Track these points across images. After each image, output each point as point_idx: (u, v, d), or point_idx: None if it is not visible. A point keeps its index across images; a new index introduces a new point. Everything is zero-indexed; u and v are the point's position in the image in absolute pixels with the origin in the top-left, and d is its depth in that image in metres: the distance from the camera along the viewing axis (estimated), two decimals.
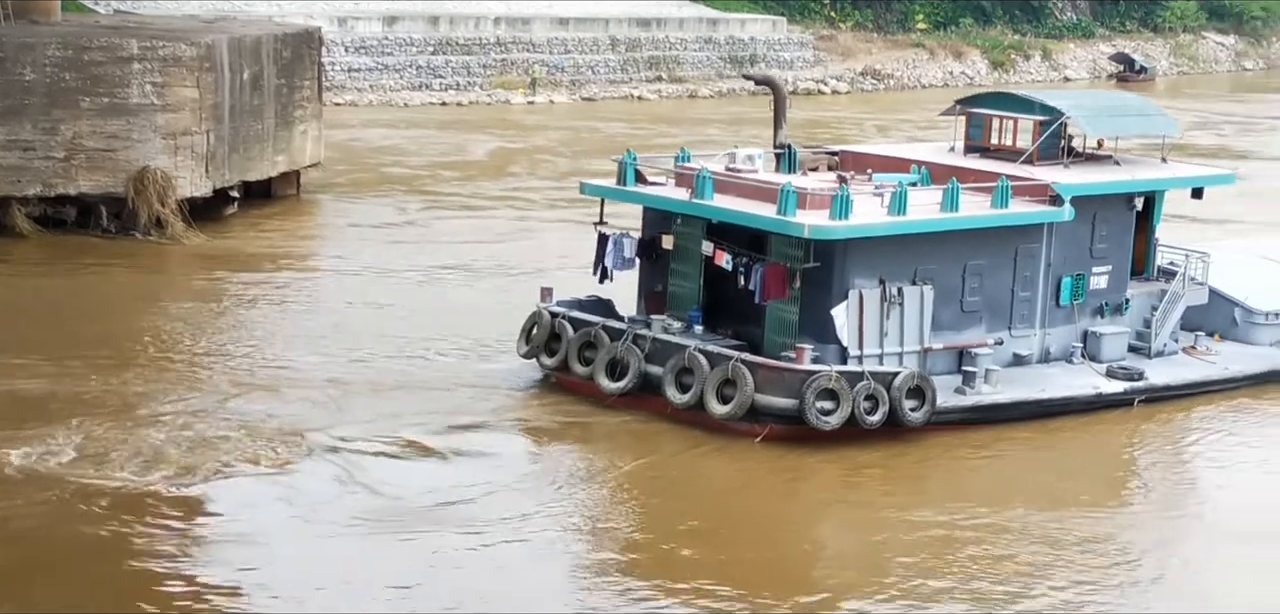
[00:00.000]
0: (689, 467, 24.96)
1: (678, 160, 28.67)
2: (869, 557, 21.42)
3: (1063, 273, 28.24)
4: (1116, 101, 33.20)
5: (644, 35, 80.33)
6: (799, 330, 26.21)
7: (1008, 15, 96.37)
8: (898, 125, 67.97)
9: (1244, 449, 26.93)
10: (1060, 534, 22.13)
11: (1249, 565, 21.54)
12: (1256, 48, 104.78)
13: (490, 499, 22.66)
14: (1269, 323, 30.32)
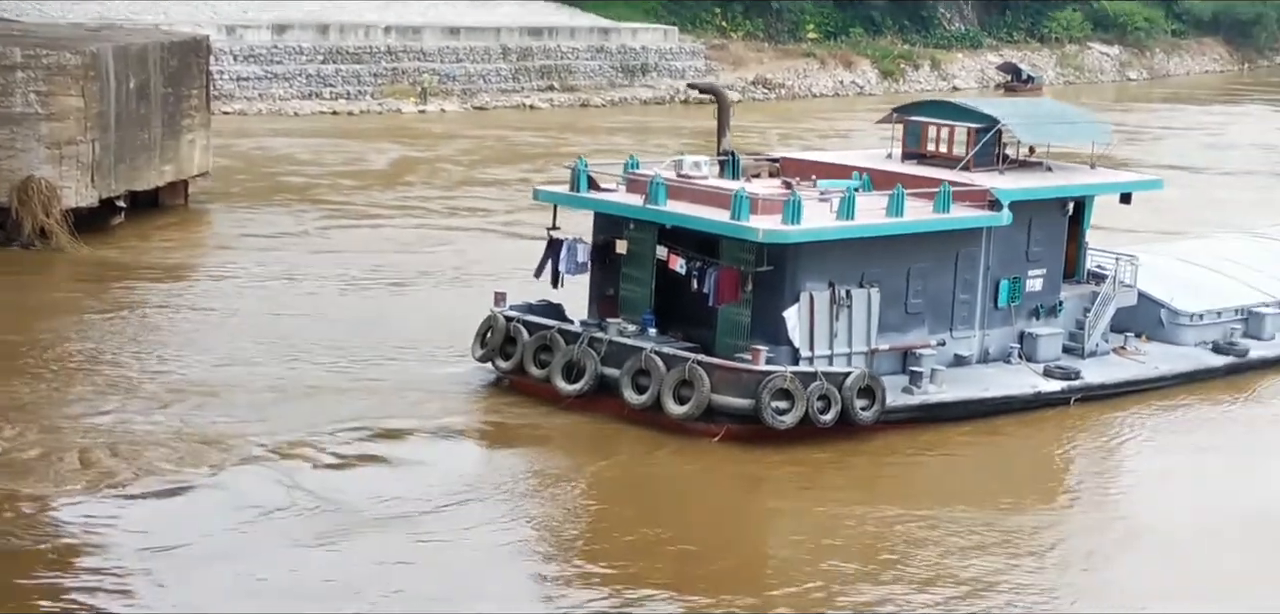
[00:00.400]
0: (648, 466, 26.23)
1: (627, 168, 29.95)
2: (824, 557, 22.48)
3: (1000, 276, 30.01)
4: (1049, 110, 35.19)
5: (536, 44, 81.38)
6: (751, 333, 27.62)
7: (897, 25, 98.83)
8: (800, 135, 69.90)
9: (1174, 448, 28.78)
10: (1006, 532, 23.51)
11: (1178, 564, 23.06)
12: (1140, 58, 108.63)
13: (444, 503, 23.50)
14: (1194, 324, 32.38)
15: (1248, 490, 26.22)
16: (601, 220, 29.45)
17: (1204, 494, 26.13)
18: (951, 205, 28.86)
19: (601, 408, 27.57)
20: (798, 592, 21.21)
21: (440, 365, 30.28)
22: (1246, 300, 33.45)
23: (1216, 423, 30.10)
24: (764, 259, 27.07)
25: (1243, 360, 32.08)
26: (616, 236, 28.95)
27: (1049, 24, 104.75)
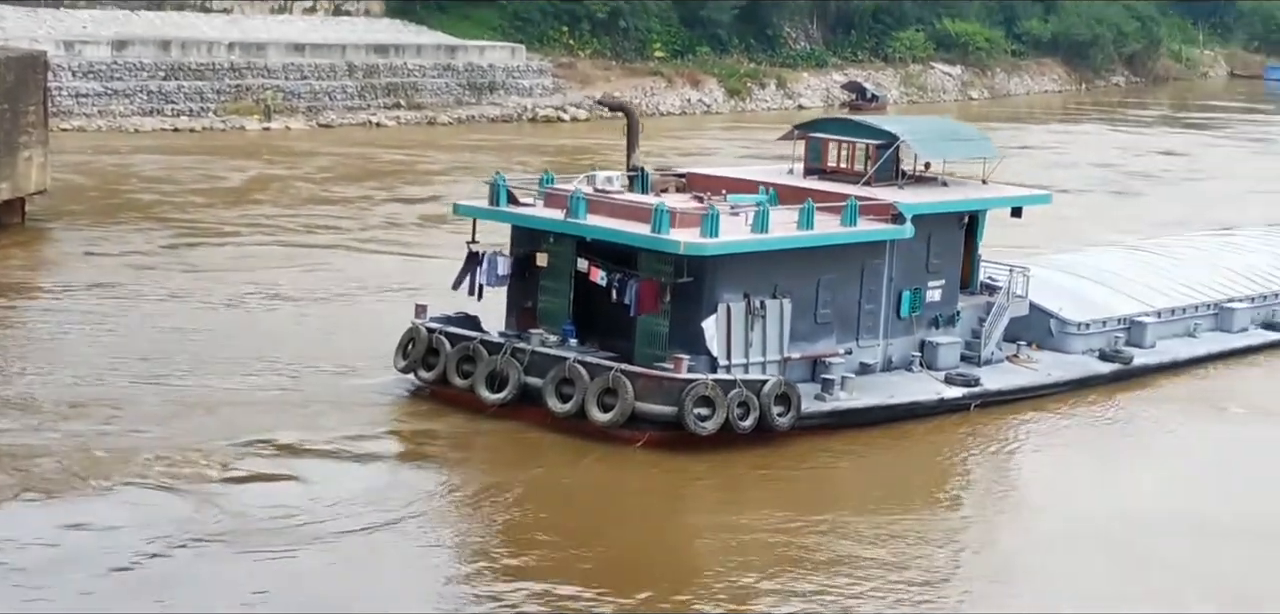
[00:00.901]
0: (573, 474, 27.87)
1: (542, 183, 31.62)
2: (743, 563, 23.91)
3: (903, 287, 32.27)
4: (944, 127, 37.58)
5: (382, 62, 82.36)
6: (669, 342, 29.45)
7: (744, 44, 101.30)
8: (662, 152, 71.84)
9: (1067, 452, 31.15)
10: (918, 532, 25.51)
11: (1075, 566, 24.96)
12: (982, 78, 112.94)
13: (363, 513, 24.69)
14: (1081, 333, 35.02)
15: (1132, 493, 28.40)
16: (521, 234, 31.06)
17: (1093, 497, 28.22)
18: (858, 219, 31.01)
19: (525, 417, 29.13)
20: (716, 598, 22.74)
21: (360, 377, 31.56)
22: (1128, 310, 36.25)
23: (1105, 427, 32.58)
24: (684, 271, 28.91)
25: (1128, 367, 34.79)
26: (536, 249, 30.56)
27: (893, 44, 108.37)
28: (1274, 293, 40.15)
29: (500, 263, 30.76)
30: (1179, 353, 36.39)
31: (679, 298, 29.26)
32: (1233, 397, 35.02)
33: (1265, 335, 38.76)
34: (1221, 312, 38.38)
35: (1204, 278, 39.47)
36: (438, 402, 30.16)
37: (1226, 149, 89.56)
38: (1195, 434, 32.46)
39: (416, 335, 30.47)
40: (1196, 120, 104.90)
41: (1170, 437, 32.43)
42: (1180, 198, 67.42)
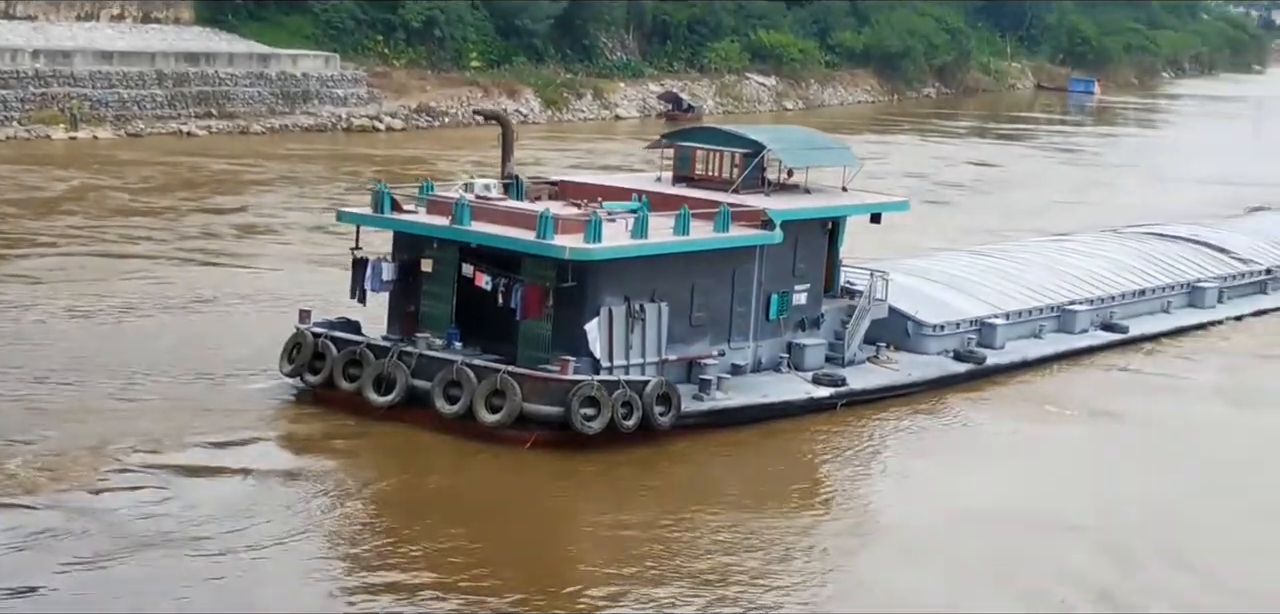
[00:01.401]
0: (463, 474, 29.47)
1: (423, 192, 33.17)
2: (624, 558, 25.62)
3: (771, 290, 34.48)
4: (807, 137, 39.94)
5: (192, 70, 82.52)
6: (552, 345, 31.22)
7: (560, 54, 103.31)
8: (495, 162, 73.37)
9: (927, 449, 33.38)
10: (786, 529, 27.30)
11: (926, 564, 26.66)
12: (796, 89, 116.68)
13: (250, 518, 25.82)
14: (936, 335, 37.63)
15: (977, 491, 30.40)
16: (404, 240, 32.57)
17: (942, 495, 30.27)
18: (730, 225, 33.13)
19: (412, 419, 30.65)
20: (594, 599, 24.16)
21: (244, 383, 32.76)
22: (979, 313, 39.00)
23: (956, 428, 34.88)
24: (568, 276, 30.71)
25: (981, 367, 37.50)
26: (420, 255, 32.10)
27: (708, 55, 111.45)
28: (1111, 296, 43.44)
29: (385, 268, 32.23)
30: (1027, 353, 39.26)
31: (562, 302, 31.04)
32: (1066, 398, 37.57)
33: (1104, 336, 41.93)
34: (1063, 314, 41.42)
35: (1046, 282, 42.54)
36: (324, 405, 31.48)
37: (1036, 159, 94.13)
38: (1033, 434, 34.67)
39: (302, 340, 31.81)
40: (1006, 131, 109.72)
41: (1012, 437, 34.55)
42: (994, 207, 70.96)
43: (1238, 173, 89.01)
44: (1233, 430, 35.67)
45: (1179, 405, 37.39)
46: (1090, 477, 31.66)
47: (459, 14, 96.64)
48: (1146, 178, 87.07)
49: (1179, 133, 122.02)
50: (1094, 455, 33.38)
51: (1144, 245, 48.95)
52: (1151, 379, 39.77)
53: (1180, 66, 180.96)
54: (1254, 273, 49.86)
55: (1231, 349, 43.73)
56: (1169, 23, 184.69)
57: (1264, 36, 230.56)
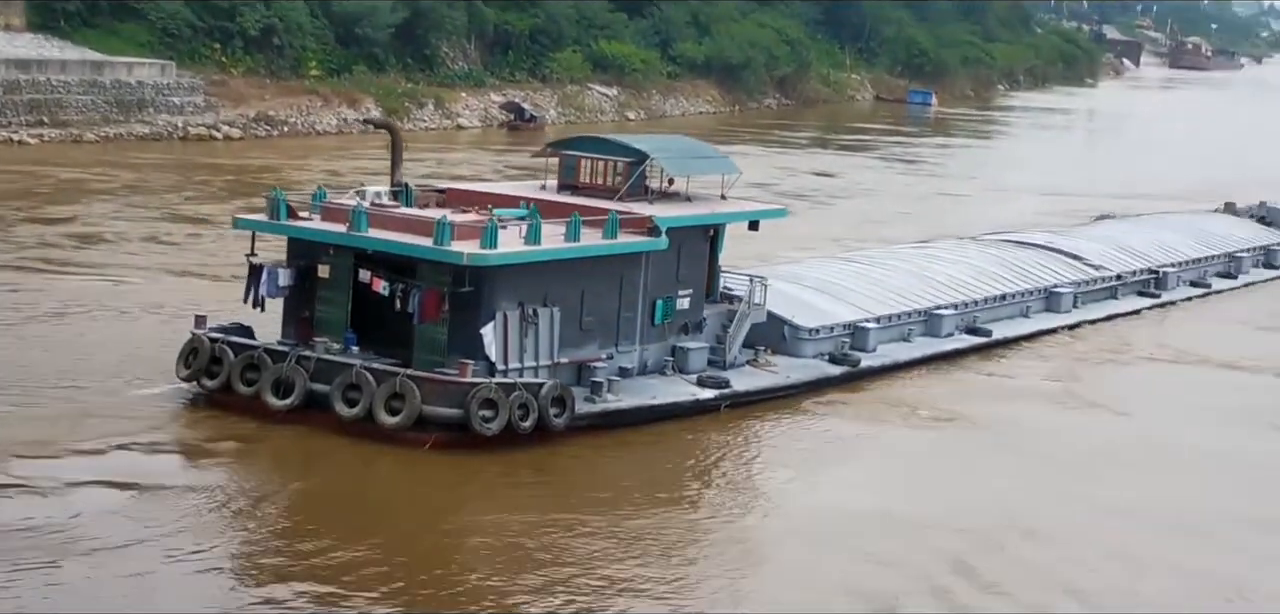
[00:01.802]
0: (363, 475, 30.78)
1: (316, 199, 34.42)
2: (517, 557, 26.94)
3: (657, 295, 36.25)
4: (688, 146, 41.75)
5: (23, 77, 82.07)
6: (448, 349, 32.65)
7: (401, 63, 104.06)
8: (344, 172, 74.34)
9: (799, 452, 35.14)
10: (674, 527, 28.95)
11: (800, 560, 28.33)
12: (638, 99, 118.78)
13: (147, 521, 26.80)
14: (812, 338, 39.71)
15: (854, 489, 32.32)
16: (299, 246, 33.76)
17: (814, 494, 32.10)
18: (618, 232, 34.85)
19: (310, 422, 31.89)
20: (485, 597, 25.46)
21: (139, 388, 33.72)
22: (851, 317, 41.18)
23: (833, 427, 36.87)
24: (465, 281, 32.19)
25: (856, 370, 39.63)
26: (316, 261, 33.34)
27: (550, 65, 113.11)
28: (974, 300, 45.98)
29: (281, 275, 33.40)
30: (898, 355, 41.52)
31: (458, 306, 32.50)
32: (931, 402, 39.53)
33: (968, 339, 44.42)
34: (930, 318, 43.82)
35: (913, 287, 44.92)
36: (221, 409, 32.59)
37: (877, 170, 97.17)
38: (899, 436, 36.50)
39: (199, 345, 32.86)
40: (847, 142, 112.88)
41: (878, 440, 36.27)
42: (839, 217, 73.50)
43: (1073, 184, 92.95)
44: (1081, 432, 37.84)
45: (1032, 409, 39.52)
46: (948, 478, 33.52)
47: (298, 22, 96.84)
48: (986, 188, 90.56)
49: (1015, 144, 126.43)
50: (953, 457, 35.30)
51: (1002, 252, 51.69)
52: (1009, 383, 42.09)
53: (1015, 79, 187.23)
54: (1105, 279, 52.95)
55: (1085, 353, 46.37)
56: (1004, 36, 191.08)
57: (1095, 50, 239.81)
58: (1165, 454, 36.51)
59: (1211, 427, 38.82)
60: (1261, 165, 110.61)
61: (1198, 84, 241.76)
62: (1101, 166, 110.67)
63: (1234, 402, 41.60)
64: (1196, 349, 47.86)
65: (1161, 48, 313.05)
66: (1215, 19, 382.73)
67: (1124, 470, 34.93)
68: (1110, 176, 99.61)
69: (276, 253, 35.16)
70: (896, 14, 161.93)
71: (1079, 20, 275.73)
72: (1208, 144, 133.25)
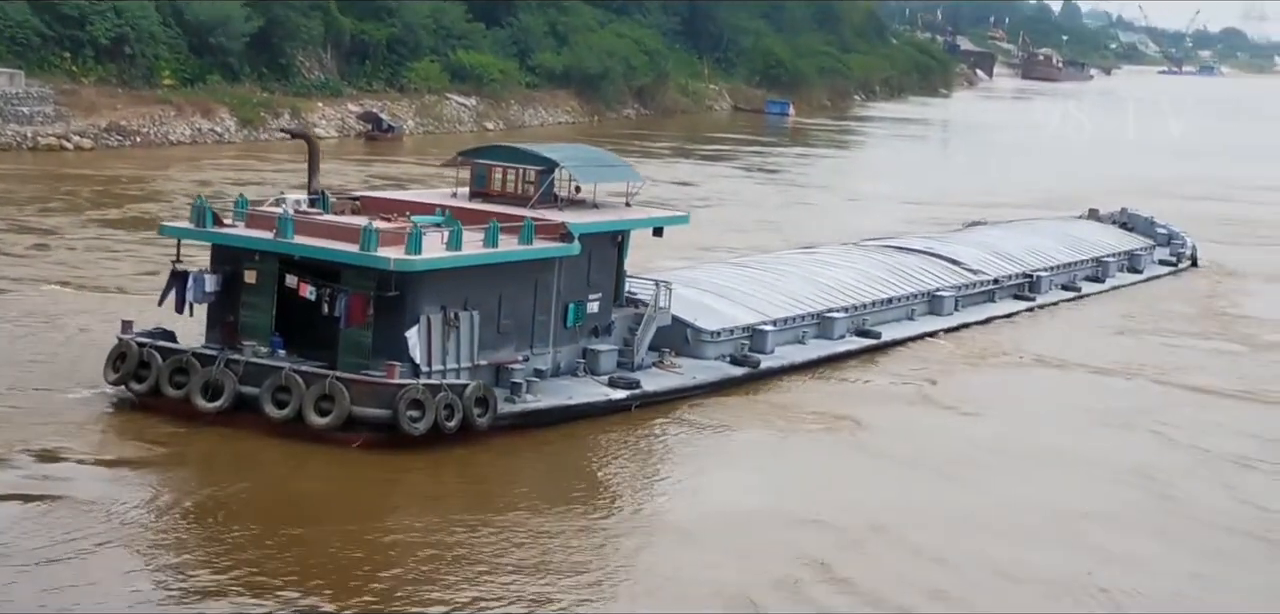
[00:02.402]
0: (294, 474, 32.81)
1: (239, 207, 36.38)
2: (446, 552, 28.99)
3: (569, 299, 38.65)
4: (594, 155, 44.20)
5: None
6: (372, 351, 34.78)
7: (256, 73, 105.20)
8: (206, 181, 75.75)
9: (704, 449, 37.70)
10: (590, 527, 31.11)
11: (699, 557, 30.25)
12: (496, 109, 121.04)
13: (74, 526, 28.23)
14: (714, 341, 42.39)
15: (749, 487, 34.63)
16: (224, 253, 35.69)
17: (717, 493, 34.38)
18: (534, 238, 37.24)
19: (239, 424, 33.86)
20: (404, 600, 27.15)
21: (63, 393, 35.41)
22: (750, 320, 43.94)
23: (734, 426, 39.35)
24: (391, 285, 34.38)
25: (756, 371, 42.37)
26: (242, 267, 35.31)
27: (408, 75, 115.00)
28: (863, 304, 49.01)
29: (207, 281, 35.30)
30: (794, 357, 44.34)
31: (383, 310, 34.66)
32: (817, 403, 42.31)
33: (859, 341, 47.45)
34: (823, 321, 46.74)
35: (806, 291, 47.85)
36: (149, 412, 34.42)
37: (737, 179, 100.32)
38: (792, 437, 38.93)
39: (127, 350, 34.66)
40: (707, 152, 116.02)
41: (772, 440, 38.55)
42: (702, 225, 75.99)
43: (932, 192, 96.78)
44: (957, 434, 40.49)
45: (913, 410, 42.41)
46: (832, 478, 35.97)
47: (150, 31, 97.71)
48: (846, 197, 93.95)
49: (873, 153, 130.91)
50: (838, 458, 37.88)
51: (886, 257, 54.91)
52: (894, 386, 44.82)
53: (871, 89, 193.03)
54: (983, 283, 56.42)
55: (965, 355, 49.52)
56: (860, 47, 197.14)
57: (949, 61, 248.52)
58: (1029, 455, 39.02)
59: (1073, 428, 41.68)
60: (1112, 173, 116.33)
61: (1049, 94, 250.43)
62: (959, 175, 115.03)
63: (1097, 402, 44.73)
64: (1066, 351, 51.13)
65: (1014, 59, 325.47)
66: (1066, 30, 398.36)
67: (986, 471, 37.51)
68: (967, 185, 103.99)
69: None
70: (754, 24, 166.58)
71: (933, 31, 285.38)
72: (1060, 153, 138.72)
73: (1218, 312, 61.84)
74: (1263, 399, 46.41)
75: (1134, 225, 74.18)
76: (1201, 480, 37.76)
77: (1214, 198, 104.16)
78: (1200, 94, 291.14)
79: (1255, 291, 67.55)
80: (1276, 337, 56.94)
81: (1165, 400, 45.54)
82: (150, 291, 40.77)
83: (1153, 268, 69.36)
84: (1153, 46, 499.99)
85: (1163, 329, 57.41)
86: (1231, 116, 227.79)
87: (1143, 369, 49.26)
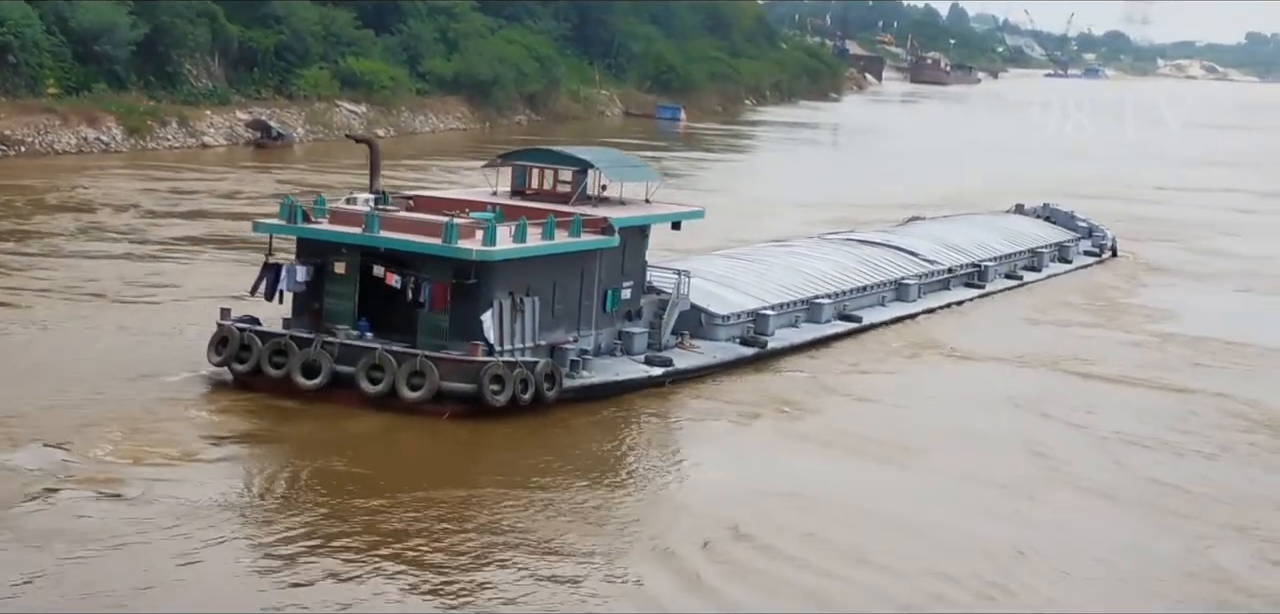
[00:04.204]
0: (390, 442, 41.02)
1: (318, 206, 44.63)
2: (528, 505, 36.38)
3: (608, 286, 47.22)
4: (618, 157, 52.80)
5: None
6: (449, 333, 43.11)
7: (143, 81, 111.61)
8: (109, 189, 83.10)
9: (741, 420, 46.22)
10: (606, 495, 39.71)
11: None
12: (387, 116, 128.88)
13: (195, 502, 34.50)
14: (725, 324, 51.29)
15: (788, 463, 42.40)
16: (310, 246, 43.72)
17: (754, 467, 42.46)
18: (582, 231, 45.93)
19: (336, 400, 41.99)
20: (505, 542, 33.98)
21: (163, 378, 43.27)
22: (752, 306, 52.93)
23: (755, 396, 48.40)
24: (470, 273, 42.80)
25: (763, 351, 51.36)
26: (330, 259, 43.50)
27: (297, 82, 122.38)
28: (843, 291, 58.30)
29: (299, 271, 43.28)
30: (792, 338, 53.22)
31: (460, 296, 43.05)
32: (820, 378, 51.05)
33: (843, 325, 56.72)
34: (812, 306, 55.90)
35: (794, 280, 56.94)
36: (251, 391, 42.22)
37: None
38: (785, 416, 46.74)
39: (228, 334, 42.68)
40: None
41: (765, 419, 46.28)
42: None
43: (827, 195, 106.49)
44: (924, 415, 47.96)
45: (892, 384, 51.51)
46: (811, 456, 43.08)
47: (34, 39, 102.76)
48: (743, 200, 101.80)
49: (765, 157, 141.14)
50: (827, 434, 45.29)
51: (855, 250, 64.58)
52: (876, 365, 53.85)
53: (762, 94, 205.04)
54: (939, 272, 66.52)
55: (932, 338, 58.65)
56: (750, 52, 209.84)
57: (839, 65, 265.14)
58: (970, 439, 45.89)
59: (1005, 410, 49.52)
60: (1006, 173, 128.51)
61: (937, 98, 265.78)
62: (854, 178, 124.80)
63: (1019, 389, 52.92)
64: (1012, 332, 61.40)
65: (903, 63, 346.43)
66: (954, 34, 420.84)
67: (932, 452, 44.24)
68: (864, 188, 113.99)
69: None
70: (645, 30, 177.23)
71: (823, 36, 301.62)
72: (952, 155, 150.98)
73: (1141, 293, 74.06)
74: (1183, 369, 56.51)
75: (1056, 219, 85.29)
76: None
77: (1114, 196, 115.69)
78: (1086, 96, 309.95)
79: (1171, 280, 79.73)
80: (1196, 312, 68.56)
81: (1115, 361, 55.69)
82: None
83: (1080, 258, 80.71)
84: (1039, 50, 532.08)
85: (1101, 309, 68.57)
86: (1117, 118, 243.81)
87: (1091, 342, 59.62)
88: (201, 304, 51.46)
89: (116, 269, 60.24)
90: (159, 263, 62.69)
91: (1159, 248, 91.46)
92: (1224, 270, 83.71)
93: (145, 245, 66.32)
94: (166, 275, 59.92)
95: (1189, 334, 62.50)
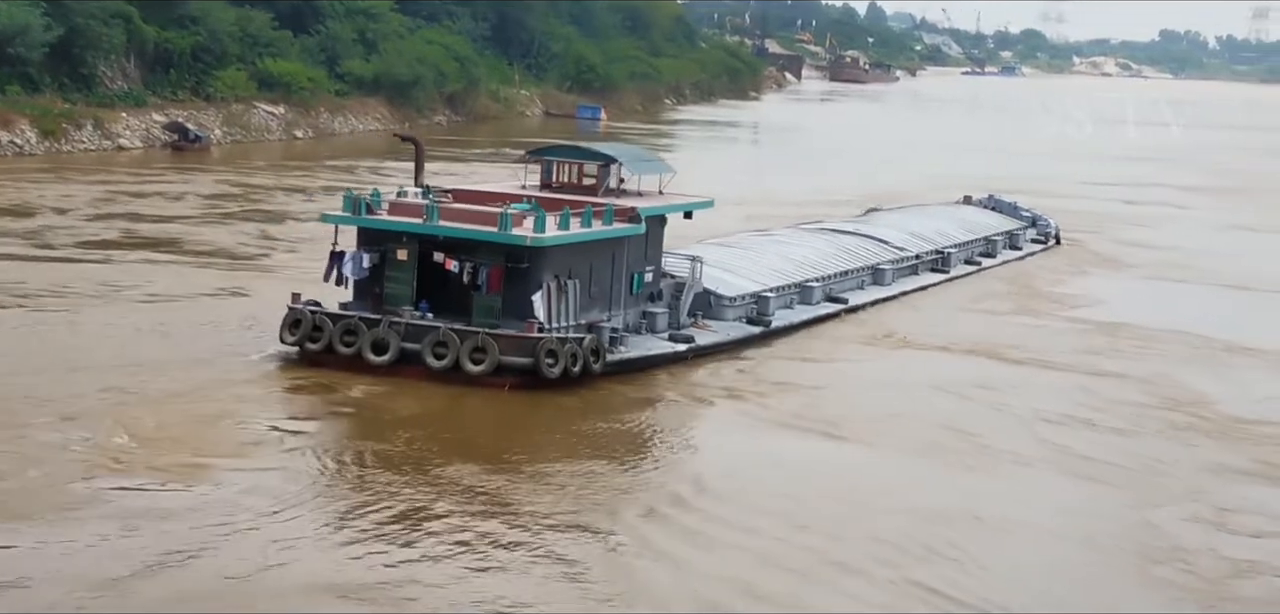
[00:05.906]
0: (458, 411, 50.23)
1: (375, 198, 54.05)
2: (583, 466, 44.89)
3: (634, 270, 56.60)
4: (636, 152, 62.24)
5: None
6: (502, 313, 52.34)
7: (57, 83, 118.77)
8: (48, 196, 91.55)
9: (762, 392, 55.76)
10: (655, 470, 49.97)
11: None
12: (306, 118, 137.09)
13: (284, 468, 41.43)
14: (732, 305, 60.97)
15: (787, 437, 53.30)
16: (371, 235, 52.76)
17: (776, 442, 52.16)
18: (614, 220, 55.68)
19: (403, 374, 51.17)
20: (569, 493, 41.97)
21: (240, 356, 52.43)
22: (754, 289, 62.75)
23: (768, 370, 57.94)
24: (523, 258, 52.30)
25: (768, 330, 61.09)
26: (395, 246, 52.82)
27: (214, 83, 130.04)
28: (830, 275, 68.34)
29: (364, 258, 52.19)
30: (790, 319, 62.67)
31: (512, 279, 52.52)
32: (816, 353, 59.64)
33: (832, 306, 66.67)
34: (804, 289, 65.73)
35: (785, 266, 66.64)
36: (323, 367, 50.79)
37: None
38: (783, 390, 55.99)
39: (300, 317, 51.80)
40: (519, 157, 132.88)
41: (777, 388, 55.56)
42: None
43: (754, 193, 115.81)
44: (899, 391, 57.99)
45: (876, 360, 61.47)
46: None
47: None
48: None
49: (686, 155, 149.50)
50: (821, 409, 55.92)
51: (832, 238, 74.76)
52: (864, 344, 63.45)
53: (682, 93, 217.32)
54: (908, 258, 77.29)
55: (910, 320, 68.35)
56: (669, 52, 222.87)
57: (758, 64, 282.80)
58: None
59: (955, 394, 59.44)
60: (934, 172, 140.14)
61: (857, 96, 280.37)
62: (778, 176, 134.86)
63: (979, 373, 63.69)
64: (986, 312, 71.79)
65: (822, 61, 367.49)
66: (872, 33, 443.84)
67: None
68: (790, 185, 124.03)
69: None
70: (564, 30, 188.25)
71: (742, 35, 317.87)
72: (872, 152, 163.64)
73: (1086, 276, 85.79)
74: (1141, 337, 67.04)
75: (1001, 209, 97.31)
76: None
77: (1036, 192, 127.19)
78: (1004, 94, 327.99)
79: (1108, 263, 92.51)
80: (1135, 291, 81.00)
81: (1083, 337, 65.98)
82: None
83: (1029, 246, 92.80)
84: (956, 48, 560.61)
85: (1055, 291, 79.72)
86: (1039, 114, 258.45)
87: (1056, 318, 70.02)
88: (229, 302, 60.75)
89: (121, 271, 68.99)
90: (159, 264, 71.67)
91: (1097, 237, 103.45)
92: (1150, 261, 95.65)
93: (95, 249, 74.85)
94: (193, 278, 68.78)
95: (1133, 320, 72.62)
